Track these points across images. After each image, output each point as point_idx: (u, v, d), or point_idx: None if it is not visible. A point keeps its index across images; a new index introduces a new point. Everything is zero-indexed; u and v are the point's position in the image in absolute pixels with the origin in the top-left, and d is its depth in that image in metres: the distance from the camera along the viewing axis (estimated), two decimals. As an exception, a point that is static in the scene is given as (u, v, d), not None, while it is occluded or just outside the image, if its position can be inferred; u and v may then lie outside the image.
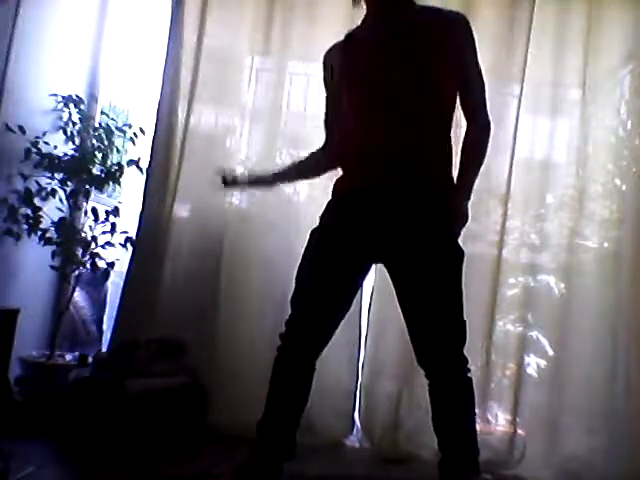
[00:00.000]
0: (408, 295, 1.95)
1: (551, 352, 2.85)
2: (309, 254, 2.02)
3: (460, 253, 1.95)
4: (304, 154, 2.28)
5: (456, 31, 1.94)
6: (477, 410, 2.09)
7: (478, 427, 2.06)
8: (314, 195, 2.98)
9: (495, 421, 2.84)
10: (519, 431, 2.77)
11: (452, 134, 2.01)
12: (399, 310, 1.98)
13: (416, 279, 1.92)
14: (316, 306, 1.97)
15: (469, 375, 1.96)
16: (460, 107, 2.00)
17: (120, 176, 3.17)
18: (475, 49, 1.96)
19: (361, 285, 2.16)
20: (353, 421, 2.91)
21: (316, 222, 2.06)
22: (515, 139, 2.86)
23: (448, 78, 1.94)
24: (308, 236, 2.04)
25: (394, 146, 1.92)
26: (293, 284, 2.02)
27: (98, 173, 3.13)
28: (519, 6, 2.91)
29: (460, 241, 1.96)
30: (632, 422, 2.61)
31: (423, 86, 1.91)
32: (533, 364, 2.87)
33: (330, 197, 2.09)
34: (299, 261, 2.02)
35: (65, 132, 3.14)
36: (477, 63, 1.97)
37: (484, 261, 2.81)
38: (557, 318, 2.83)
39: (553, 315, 2.85)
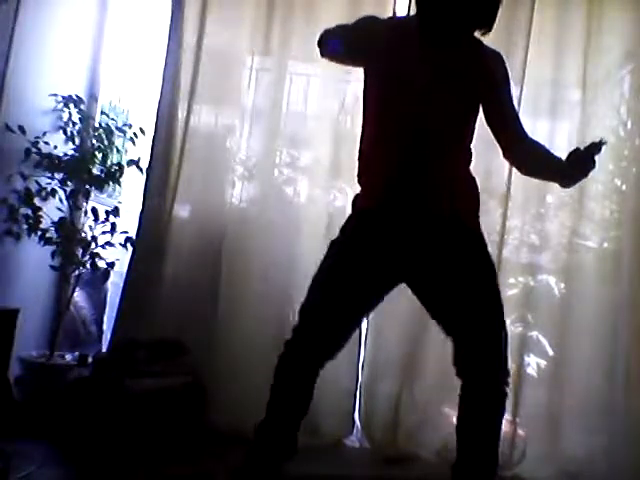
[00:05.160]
0: (447, 311, 1.93)
1: (551, 352, 2.85)
2: (327, 266, 1.95)
3: (491, 264, 1.96)
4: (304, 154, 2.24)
5: (500, 68, 2.01)
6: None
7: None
8: (315, 195, 2.98)
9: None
10: (519, 431, 2.77)
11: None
12: (399, 311, 1.97)
13: (454, 294, 1.90)
14: (330, 322, 1.93)
15: (507, 390, 1.94)
16: (501, 132, 2.02)
17: (120, 176, 3.17)
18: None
19: (377, 304, 2.06)
20: (353, 421, 2.91)
21: (317, 222, 2.05)
22: (515, 139, 2.86)
23: (476, 111, 1.99)
24: (327, 246, 1.99)
25: (420, 168, 1.90)
26: (293, 284, 2.01)
27: (98, 173, 3.13)
28: (519, 6, 2.91)
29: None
30: (632, 422, 2.61)
31: (459, 118, 1.94)
32: (533, 364, 2.87)
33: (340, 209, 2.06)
34: (299, 262, 2.01)
35: (65, 132, 3.14)
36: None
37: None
38: (557, 318, 2.84)
39: (553, 315, 2.85)
